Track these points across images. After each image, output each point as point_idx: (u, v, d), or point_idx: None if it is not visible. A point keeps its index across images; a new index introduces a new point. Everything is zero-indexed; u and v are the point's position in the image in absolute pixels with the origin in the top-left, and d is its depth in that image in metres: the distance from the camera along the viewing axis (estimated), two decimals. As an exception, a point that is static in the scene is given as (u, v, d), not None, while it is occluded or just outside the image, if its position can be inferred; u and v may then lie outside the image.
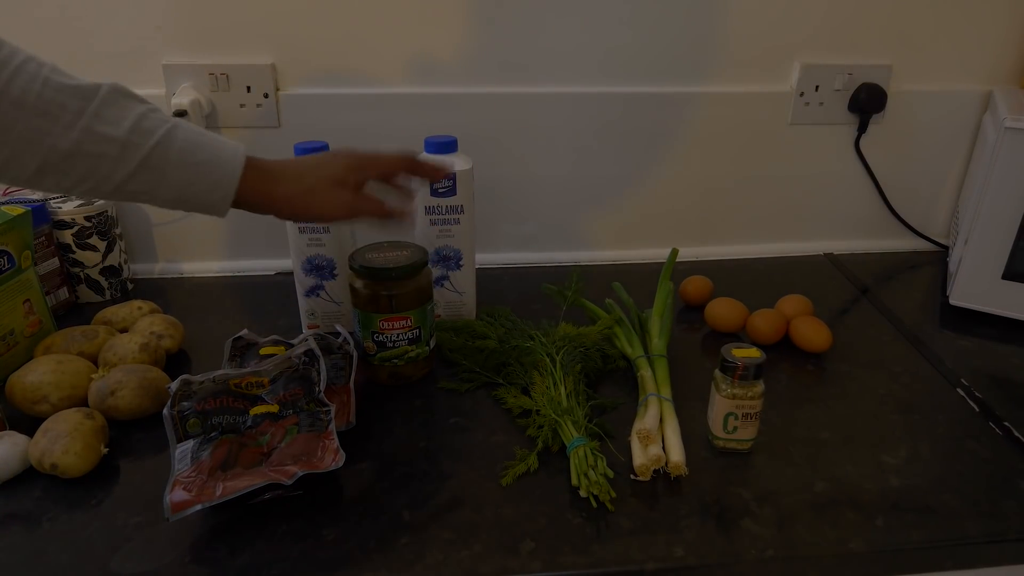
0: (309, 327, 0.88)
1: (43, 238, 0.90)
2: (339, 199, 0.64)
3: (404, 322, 0.75)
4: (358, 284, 0.75)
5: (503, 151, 1.04)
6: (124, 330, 0.84)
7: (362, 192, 0.66)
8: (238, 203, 0.62)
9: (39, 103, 0.52)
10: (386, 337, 0.76)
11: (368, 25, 0.95)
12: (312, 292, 0.86)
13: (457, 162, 0.82)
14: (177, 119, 0.59)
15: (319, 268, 0.84)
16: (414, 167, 0.69)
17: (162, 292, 1.01)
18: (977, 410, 0.76)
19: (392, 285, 0.74)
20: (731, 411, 0.67)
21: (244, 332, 0.74)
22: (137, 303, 0.88)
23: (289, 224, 0.82)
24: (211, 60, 0.94)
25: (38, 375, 0.71)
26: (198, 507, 0.56)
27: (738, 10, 0.99)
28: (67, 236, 0.92)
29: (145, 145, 0.56)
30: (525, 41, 0.98)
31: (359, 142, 0.99)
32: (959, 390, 0.80)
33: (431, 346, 0.80)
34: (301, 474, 0.58)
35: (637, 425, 0.69)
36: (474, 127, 1.01)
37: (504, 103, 1.01)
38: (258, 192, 0.62)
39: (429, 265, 0.78)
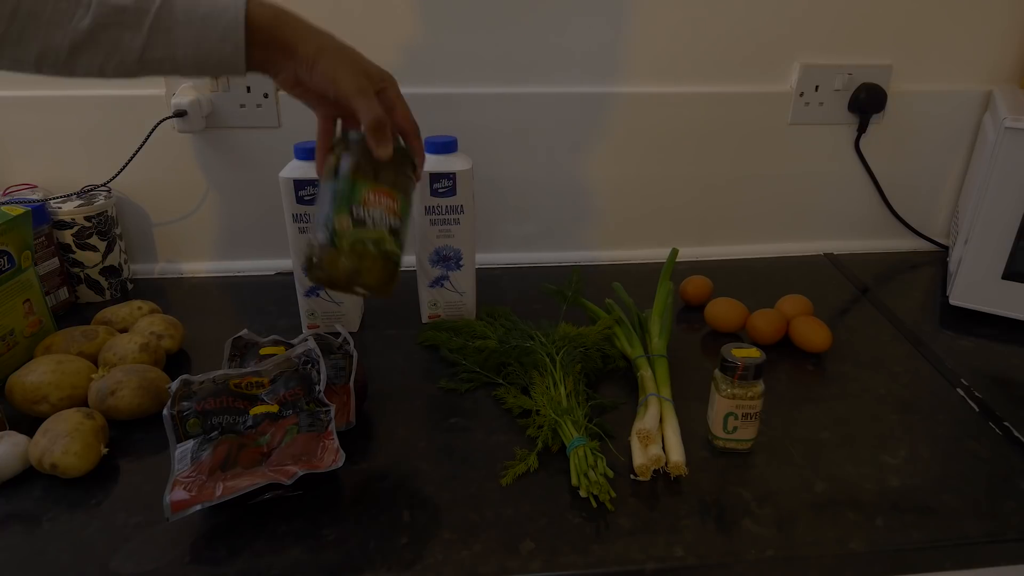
0: (309, 327, 0.88)
1: (43, 238, 0.90)
2: (361, 81, 0.63)
3: (389, 200, 0.63)
4: (344, 156, 0.64)
5: (503, 151, 1.04)
6: (124, 330, 0.84)
7: None
8: (257, 51, 0.59)
9: None
10: (367, 213, 0.62)
11: (368, 25, 0.95)
12: (312, 292, 0.86)
13: (457, 162, 0.82)
14: None
15: None
16: (413, 138, 0.69)
17: (162, 292, 1.01)
18: (977, 410, 0.76)
19: (380, 164, 0.64)
20: (731, 411, 0.67)
21: (244, 332, 0.74)
22: (137, 303, 0.88)
23: (289, 224, 0.82)
24: (211, 60, 0.94)
25: (38, 375, 0.71)
26: (198, 507, 0.56)
27: (738, 10, 0.99)
28: (67, 236, 0.92)
29: (151, 8, 0.57)
30: (525, 41, 0.98)
31: (359, 142, 1.00)
32: (959, 390, 0.80)
33: (402, 258, 0.66)
34: (301, 474, 0.58)
35: (637, 425, 0.69)
36: (474, 127, 1.01)
37: (504, 103, 1.01)
38: (275, 32, 0.60)
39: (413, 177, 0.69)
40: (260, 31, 0.60)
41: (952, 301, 0.95)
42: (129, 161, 0.96)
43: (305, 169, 0.80)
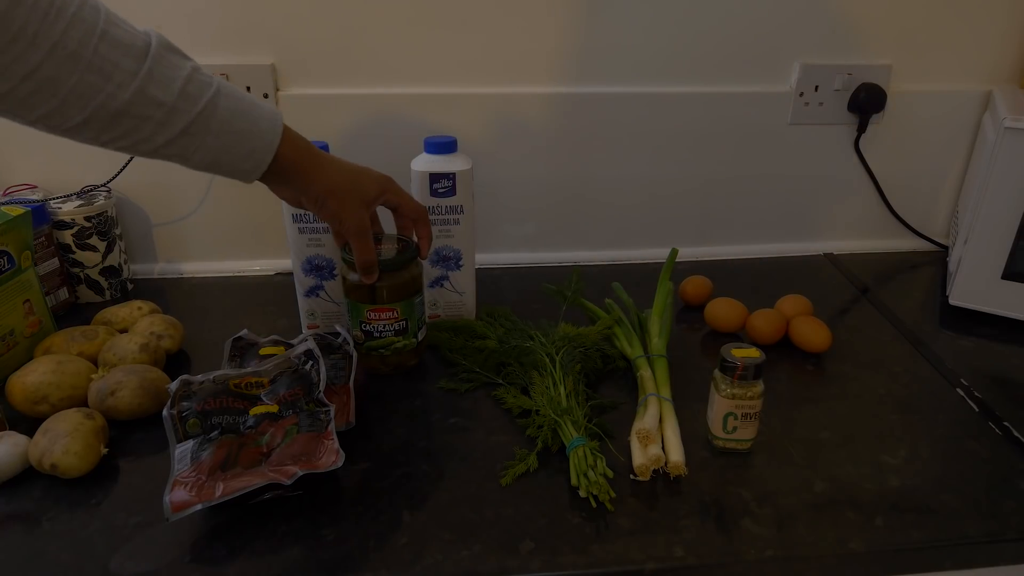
0: (309, 327, 0.88)
1: (43, 238, 0.90)
2: (359, 217, 0.68)
3: (390, 313, 0.76)
4: (348, 275, 0.76)
5: (503, 151, 1.04)
6: (124, 330, 0.84)
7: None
8: (269, 173, 0.63)
9: (95, 59, 0.51)
10: (373, 327, 0.77)
11: (368, 25, 0.95)
12: (312, 292, 0.86)
13: (457, 162, 0.82)
14: (219, 80, 0.58)
15: (319, 268, 0.84)
16: (422, 225, 0.76)
17: (162, 292, 1.01)
18: (977, 410, 0.76)
19: (381, 276, 0.75)
20: (731, 411, 0.67)
21: (244, 332, 0.74)
22: (137, 303, 0.88)
23: (289, 224, 0.82)
24: (211, 60, 0.94)
25: (38, 375, 0.71)
26: (198, 507, 0.56)
27: (738, 10, 0.99)
28: (67, 236, 0.92)
29: (191, 112, 0.55)
30: (525, 41, 0.98)
31: (359, 142, 1.00)
32: (959, 390, 0.80)
33: (419, 339, 0.81)
34: (301, 474, 0.58)
35: (637, 425, 0.69)
36: (474, 127, 1.01)
37: (504, 103, 1.01)
38: (295, 172, 0.64)
39: (419, 260, 0.79)
40: (282, 162, 0.63)
41: (952, 301, 0.95)
42: (129, 161, 0.96)
43: None
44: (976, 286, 0.92)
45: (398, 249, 0.76)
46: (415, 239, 0.78)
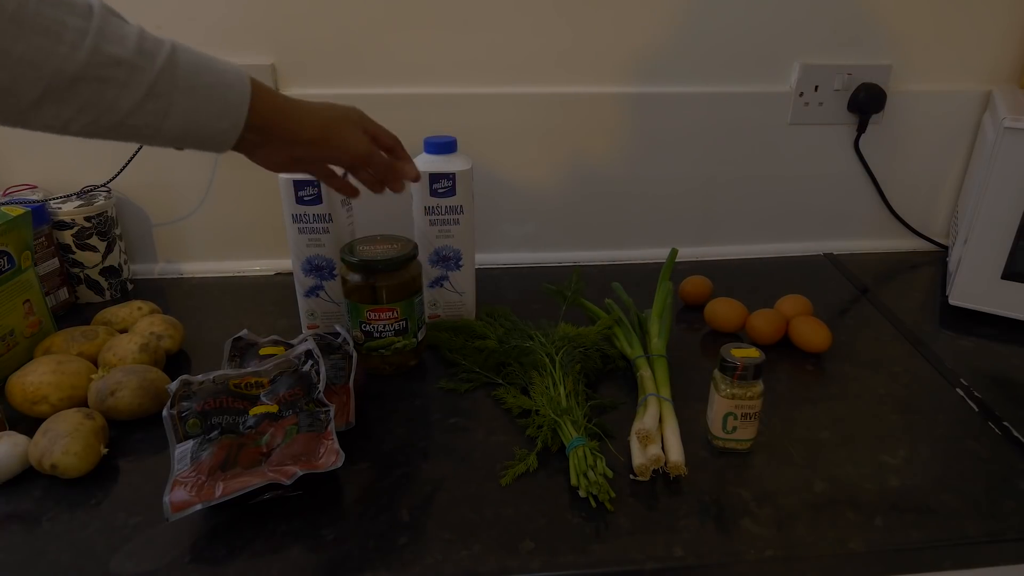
0: (309, 327, 0.88)
1: (43, 238, 0.90)
2: (360, 137, 0.65)
3: (390, 313, 0.77)
4: (348, 275, 0.76)
5: (503, 151, 1.04)
6: (124, 330, 0.84)
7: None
8: (249, 132, 0.58)
9: (39, 19, 0.46)
10: (373, 327, 0.77)
11: (368, 25, 0.95)
12: (312, 292, 0.86)
13: (457, 162, 0.82)
14: (171, 38, 0.53)
15: (319, 268, 0.84)
16: (398, 149, 0.72)
17: (162, 292, 1.01)
18: (977, 410, 0.76)
19: (380, 277, 0.75)
20: (730, 411, 0.67)
21: (244, 332, 0.74)
22: (137, 303, 0.88)
23: (289, 224, 0.82)
24: (211, 60, 0.94)
25: (38, 375, 0.71)
26: (198, 507, 0.56)
27: (738, 10, 0.99)
28: (67, 236, 0.92)
29: (152, 68, 0.50)
30: (525, 41, 0.98)
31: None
32: (959, 390, 0.80)
33: (419, 339, 0.81)
34: (301, 474, 0.58)
35: (636, 425, 0.69)
36: (474, 127, 1.01)
37: (504, 103, 1.01)
38: (276, 121, 0.59)
39: (418, 260, 0.79)
40: (261, 114, 0.58)
41: (952, 301, 0.95)
42: (129, 161, 0.96)
43: None
44: (976, 286, 0.92)
45: (397, 248, 0.77)
46: (413, 239, 0.79)
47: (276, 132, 0.60)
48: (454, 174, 0.81)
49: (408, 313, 0.78)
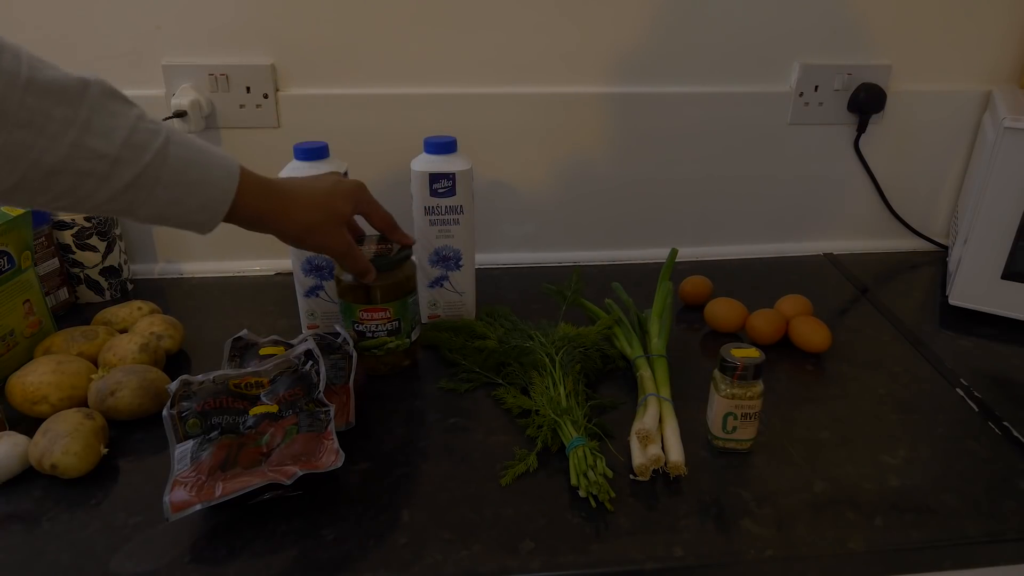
0: (309, 327, 0.88)
1: (43, 238, 0.90)
2: (343, 238, 0.68)
3: (383, 313, 0.77)
4: (342, 275, 0.76)
5: (503, 151, 1.04)
6: (124, 330, 0.84)
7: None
8: (235, 220, 0.59)
9: (21, 111, 0.44)
10: (366, 327, 0.78)
11: (368, 25, 0.95)
12: (312, 292, 0.86)
13: (457, 162, 0.82)
14: (169, 127, 0.53)
15: (319, 268, 0.84)
16: (392, 232, 0.76)
17: (162, 292, 1.01)
18: (977, 410, 0.76)
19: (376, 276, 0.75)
20: (730, 411, 0.67)
21: (244, 332, 0.74)
22: (137, 303, 0.88)
23: None
24: (211, 60, 0.94)
25: (38, 375, 0.71)
26: (198, 507, 0.56)
27: (738, 10, 0.99)
28: (67, 236, 0.92)
29: (138, 163, 0.49)
30: (525, 41, 0.98)
31: (359, 142, 1.00)
32: (959, 390, 0.80)
33: (412, 339, 0.81)
34: (301, 474, 0.58)
35: (636, 425, 0.69)
36: (474, 127, 1.01)
37: (504, 103, 1.01)
38: (260, 216, 0.61)
39: (413, 260, 0.80)
40: (245, 210, 0.58)
41: (952, 301, 0.95)
42: (129, 161, 0.96)
43: (305, 169, 0.80)
44: (976, 286, 0.92)
45: (390, 248, 0.77)
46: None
47: (261, 227, 0.62)
48: (454, 174, 0.81)
49: (401, 313, 0.78)
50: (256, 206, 0.60)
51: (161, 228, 1.04)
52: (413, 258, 0.80)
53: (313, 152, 0.81)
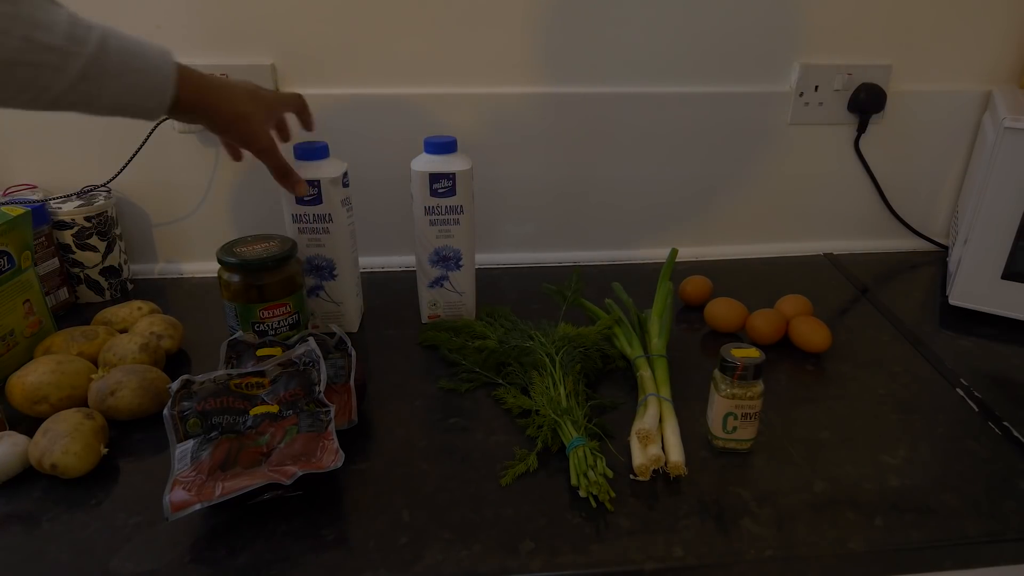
0: (312, 327, 0.88)
1: (43, 238, 0.90)
2: (264, 135, 0.72)
3: (284, 308, 0.78)
4: (232, 278, 0.77)
5: (503, 151, 1.04)
6: (124, 330, 0.84)
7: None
8: (173, 109, 0.64)
9: None
10: (267, 325, 0.78)
11: (368, 25, 0.95)
12: (312, 292, 0.86)
13: (457, 162, 0.82)
14: (102, 25, 0.58)
15: (319, 268, 0.85)
16: (303, 108, 0.79)
17: (162, 292, 1.01)
18: (977, 410, 0.76)
19: (264, 275, 0.77)
20: (730, 411, 0.67)
21: (239, 334, 0.74)
22: (137, 303, 0.88)
23: (288, 224, 0.82)
24: (211, 60, 0.94)
25: (38, 375, 0.71)
26: (198, 507, 0.56)
27: (738, 10, 0.99)
28: (67, 236, 0.92)
29: (83, 53, 0.55)
30: (524, 42, 0.98)
31: (359, 142, 1.00)
32: (959, 390, 0.80)
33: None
34: (301, 474, 0.58)
35: (636, 425, 0.69)
36: (474, 127, 1.01)
37: (505, 103, 1.01)
38: (197, 101, 0.65)
39: (298, 256, 0.82)
40: (183, 96, 0.64)
41: (952, 301, 0.95)
42: (129, 161, 0.96)
43: (304, 170, 0.80)
44: (976, 286, 0.92)
45: (277, 245, 0.79)
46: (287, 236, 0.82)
47: (199, 111, 0.66)
48: (454, 174, 0.81)
49: (299, 307, 0.80)
50: (194, 90, 0.65)
51: (161, 228, 1.05)
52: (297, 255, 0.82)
53: (313, 151, 0.81)
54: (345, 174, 0.83)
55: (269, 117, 0.73)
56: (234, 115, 0.68)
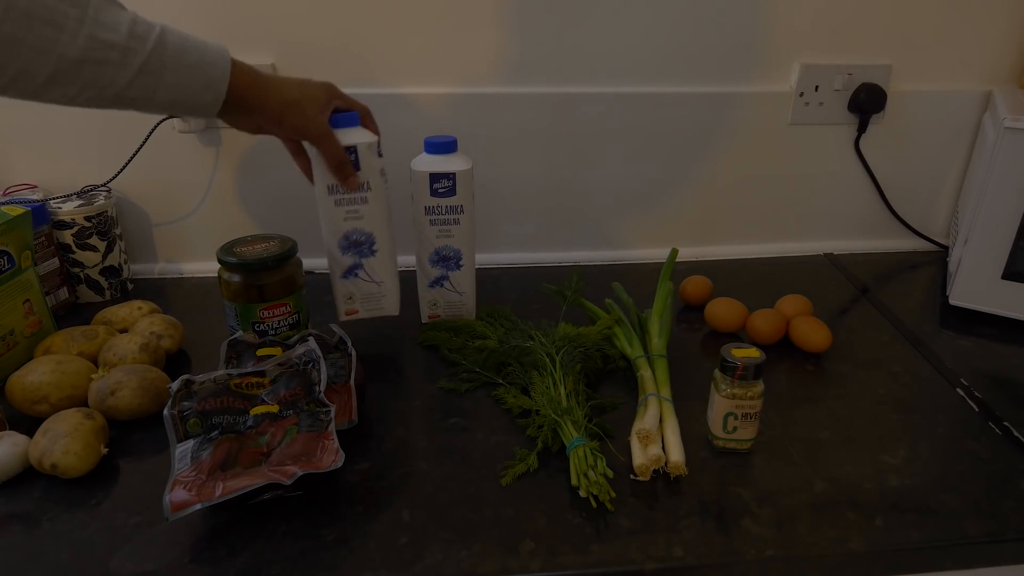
0: (347, 313, 0.86)
1: (43, 238, 0.90)
2: (320, 122, 0.71)
3: (284, 308, 0.79)
4: (232, 277, 0.77)
5: (503, 151, 1.04)
6: (124, 330, 0.84)
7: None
8: (228, 104, 0.65)
9: (44, 11, 0.53)
10: (267, 325, 0.79)
11: (368, 26, 0.95)
12: (349, 273, 0.86)
13: (457, 162, 0.82)
14: (161, 23, 0.61)
15: (357, 244, 0.83)
16: (369, 121, 0.79)
17: (162, 292, 1.01)
18: (977, 410, 0.76)
19: (263, 276, 0.77)
20: (731, 411, 0.67)
21: (239, 334, 0.74)
22: (137, 303, 0.88)
23: (323, 199, 0.81)
24: (211, 60, 0.94)
25: (38, 375, 0.71)
26: (198, 507, 0.56)
27: (738, 10, 0.99)
28: (67, 236, 0.92)
29: (143, 50, 0.58)
30: (524, 42, 0.98)
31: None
32: (959, 390, 0.80)
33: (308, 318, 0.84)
34: (301, 474, 0.58)
35: (637, 425, 0.69)
36: (474, 127, 1.01)
37: (504, 103, 1.01)
38: (249, 94, 0.67)
39: (298, 256, 0.82)
40: (237, 89, 0.65)
41: (952, 301, 0.95)
42: (129, 161, 0.96)
43: (338, 137, 0.80)
44: (976, 286, 0.92)
45: (277, 245, 0.79)
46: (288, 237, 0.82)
47: (249, 106, 0.67)
48: (454, 174, 0.81)
49: (299, 307, 0.80)
50: (245, 83, 0.66)
51: (161, 228, 1.05)
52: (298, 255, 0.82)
53: (347, 119, 0.80)
54: (379, 143, 0.79)
55: (323, 108, 0.72)
56: (283, 102, 0.69)
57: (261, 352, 0.72)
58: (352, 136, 0.76)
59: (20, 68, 0.54)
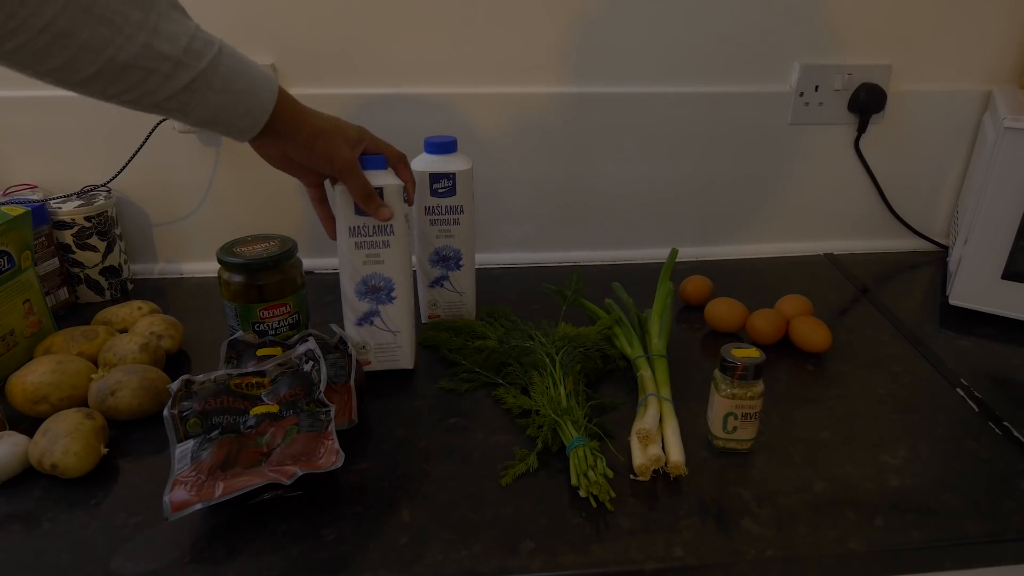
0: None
1: (43, 238, 0.90)
2: (349, 154, 0.70)
3: (284, 308, 0.79)
4: (232, 278, 0.78)
5: (503, 151, 1.04)
6: (124, 330, 0.84)
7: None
8: (263, 132, 0.64)
9: (105, 11, 0.51)
10: (267, 325, 0.79)
11: (368, 25, 0.95)
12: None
13: (457, 162, 0.82)
14: (221, 40, 0.60)
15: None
16: (403, 167, 0.75)
17: (162, 292, 1.01)
18: (977, 410, 0.76)
19: (263, 276, 0.77)
20: (731, 411, 0.67)
21: (239, 334, 0.74)
22: (137, 303, 0.88)
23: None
24: (211, 60, 0.94)
25: (38, 375, 0.71)
26: (198, 507, 0.56)
27: (738, 10, 0.99)
28: (67, 236, 0.92)
29: (195, 67, 0.56)
30: (524, 42, 0.98)
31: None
32: (959, 390, 0.80)
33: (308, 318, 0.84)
34: (301, 474, 0.58)
35: (637, 425, 0.69)
36: (474, 127, 1.01)
37: (504, 103, 1.01)
38: (283, 121, 0.65)
39: (298, 256, 0.82)
40: (273, 119, 0.64)
41: (952, 301, 0.95)
42: (129, 161, 0.96)
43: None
44: (976, 286, 0.92)
45: (277, 245, 0.79)
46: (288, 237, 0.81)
47: (281, 134, 0.66)
48: (454, 174, 0.81)
49: (299, 307, 0.80)
50: (288, 110, 0.66)
51: (161, 228, 1.05)
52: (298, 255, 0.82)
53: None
54: (406, 189, 0.79)
55: (354, 144, 0.71)
56: (316, 130, 0.67)
57: (261, 352, 0.72)
58: (379, 178, 0.75)
59: (65, 60, 0.52)
